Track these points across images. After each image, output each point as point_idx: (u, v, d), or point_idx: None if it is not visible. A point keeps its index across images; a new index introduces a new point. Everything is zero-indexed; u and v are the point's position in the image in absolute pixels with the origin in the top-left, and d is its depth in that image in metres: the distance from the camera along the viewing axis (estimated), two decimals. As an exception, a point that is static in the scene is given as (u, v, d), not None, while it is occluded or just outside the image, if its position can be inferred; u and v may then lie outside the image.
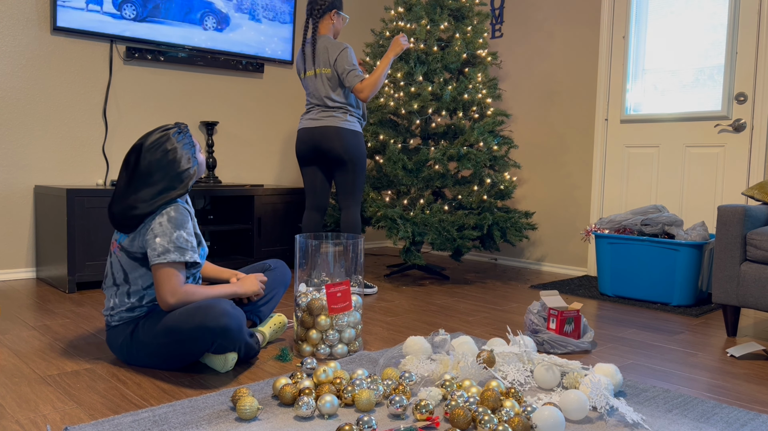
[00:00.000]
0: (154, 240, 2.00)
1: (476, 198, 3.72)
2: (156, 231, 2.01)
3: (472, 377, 1.98)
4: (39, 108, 3.65)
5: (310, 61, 3.28)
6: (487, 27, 4.70)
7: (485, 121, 3.83)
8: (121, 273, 2.10)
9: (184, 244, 2.02)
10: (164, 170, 2.07)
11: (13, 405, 1.80)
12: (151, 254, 2.00)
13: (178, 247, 2.01)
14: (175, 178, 2.08)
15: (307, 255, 2.33)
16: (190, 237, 2.06)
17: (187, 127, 2.19)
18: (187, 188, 2.10)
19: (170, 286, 2.00)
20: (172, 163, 2.08)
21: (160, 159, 2.07)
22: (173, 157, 2.09)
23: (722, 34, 3.65)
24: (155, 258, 1.99)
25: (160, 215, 2.03)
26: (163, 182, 2.06)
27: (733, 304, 2.72)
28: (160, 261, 1.99)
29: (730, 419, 1.79)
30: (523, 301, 3.39)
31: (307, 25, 3.29)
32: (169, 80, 4.12)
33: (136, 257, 2.07)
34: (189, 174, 2.11)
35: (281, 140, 4.73)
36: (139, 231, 2.06)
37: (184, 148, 2.11)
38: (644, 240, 3.37)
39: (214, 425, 1.66)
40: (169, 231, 2.01)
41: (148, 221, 2.04)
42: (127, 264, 2.09)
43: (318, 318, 2.25)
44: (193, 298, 2.04)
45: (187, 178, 2.10)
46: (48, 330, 2.58)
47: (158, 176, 2.06)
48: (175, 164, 2.09)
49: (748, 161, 3.55)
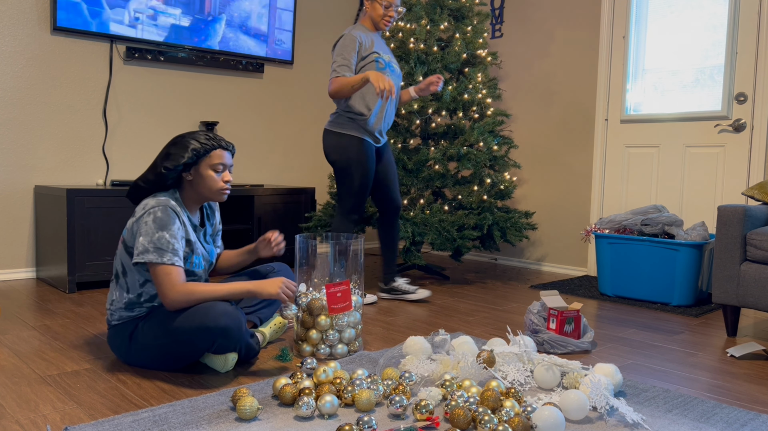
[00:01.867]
0: (138, 239, 2.01)
1: (476, 198, 3.72)
2: (141, 230, 2.01)
3: (472, 377, 1.98)
4: (39, 108, 3.65)
5: None
6: (487, 27, 4.70)
7: (485, 121, 3.83)
8: (121, 266, 2.11)
9: (164, 246, 2.00)
10: (159, 156, 2.13)
11: (13, 405, 1.80)
12: (135, 252, 2.01)
13: (157, 248, 1.99)
14: (161, 158, 2.10)
15: (308, 255, 2.33)
16: (173, 240, 2.02)
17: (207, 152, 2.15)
18: (162, 179, 2.09)
19: (166, 284, 1.99)
20: (169, 146, 2.12)
21: (171, 143, 2.13)
22: (173, 143, 2.12)
23: (722, 34, 3.65)
24: (136, 256, 2.00)
25: (148, 214, 2.02)
26: (152, 163, 2.13)
27: (733, 304, 2.72)
28: (138, 260, 2.00)
29: (730, 419, 1.79)
30: (523, 301, 3.39)
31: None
32: (169, 80, 4.12)
33: (130, 252, 2.08)
34: (169, 166, 2.08)
35: (281, 140, 4.73)
36: (132, 226, 2.07)
37: (187, 150, 2.09)
38: (644, 240, 3.37)
39: (214, 425, 1.66)
40: (152, 231, 2.00)
41: (139, 216, 2.05)
42: (123, 257, 2.10)
43: (318, 318, 2.25)
44: (195, 296, 2.00)
45: (163, 169, 2.08)
46: (48, 330, 2.58)
47: (154, 160, 2.14)
48: (168, 148, 2.11)
49: (748, 161, 3.55)
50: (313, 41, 4.85)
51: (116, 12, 3.75)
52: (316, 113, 4.92)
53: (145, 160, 4.04)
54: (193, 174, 2.13)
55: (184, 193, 2.16)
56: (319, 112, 4.94)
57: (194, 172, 2.13)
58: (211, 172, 2.12)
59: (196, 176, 2.13)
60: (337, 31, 5.00)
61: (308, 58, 4.83)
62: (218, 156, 2.13)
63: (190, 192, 2.16)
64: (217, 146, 2.13)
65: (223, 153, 2.14)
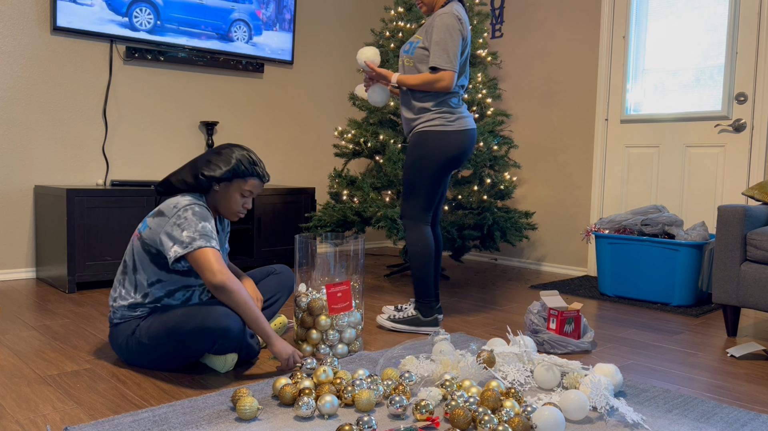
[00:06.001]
0: (181, 233, 2.00)
1: (476, 198, 3.72)
2: (183, 225, 2.01)
3: (472, 377, 1.98)
4: (39, 108, 3.65)
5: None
6: (487, 27, 4.70)
7: (485, 121, 3.83)
8: (132, 262, 2.11)
9: (209, 233, 2.03)
10: (202, 159, 2.15)
11: (13, 405, 1.80)
12: (178, 247, 1.99)
13: (203, 235, 2.01)
14: (201, 163, 2.12)
15: (308, 255, 2.33)
16: (213, 231, 2.06)
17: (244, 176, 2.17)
18: (198, 183, 2.11)
19: (218, 264, 1.98)
20: (212, 154, 2.14)
21: (216, 151, 2.15)
22: (218, 152, 2.14)
23: (722, 34, 3.65)
24: (182, 249, 1.98)
25: (185, 209, 2.03)
26: (192, 163, 2.15)
27: (733, 304, 2.72)
28: (187, 251, 1.98)
29: (730, 419, 1.79)
30: (523, 301, 3.39)
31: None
32: (169, 80, 4.12)
33: (149, 250, 2.07)
34: (206, 174, 2.11)
35: (281, 140, 4.73)
36: (158, 224, 2.05)
37: (228, 166, 2.12)
38: (644, 241, 3.37)
39: (214, 425, 1.66)
40: (194, 222, 2.02)
41: (173, 215, 2.04)
42: (139, 254, 2.09)
43: (318, 318, 2.25)
44: (235, 291, 1.98)
45: (201, 175, 2.11)
46: (48, 330, 2.58)
47: (195, 160, 2.16)
48: (211, 156, 2.13)
49: (748, 161, 3.55)
50: (313, 41, 4.85)
51: (116, 12, 3.75)
52: (316, 113, 4.92)
53: (145, 160, 4.04)
54: (221, 188, 2.15)
55: (208, 199, 2.18)
56: (319, 112, 4.94)
57: (223, 186, 2.15)
58: (237, 195, 2.16)
59: (223, 191, 2.15)
60: (337, 31, 4.99)
61: (308, 58, 4.83)
62: (252, 185, 2.17)
63: (212, 200, 2.18)
64: (255, 176, 2.16)
65: (257, 183, 2.18)
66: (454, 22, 2.53)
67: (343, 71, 5.05)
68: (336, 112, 5.04)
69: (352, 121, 3.90)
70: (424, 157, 2.59)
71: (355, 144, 3.82)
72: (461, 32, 2.56)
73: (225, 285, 1.97)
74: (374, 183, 3.91)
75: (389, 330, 2.70)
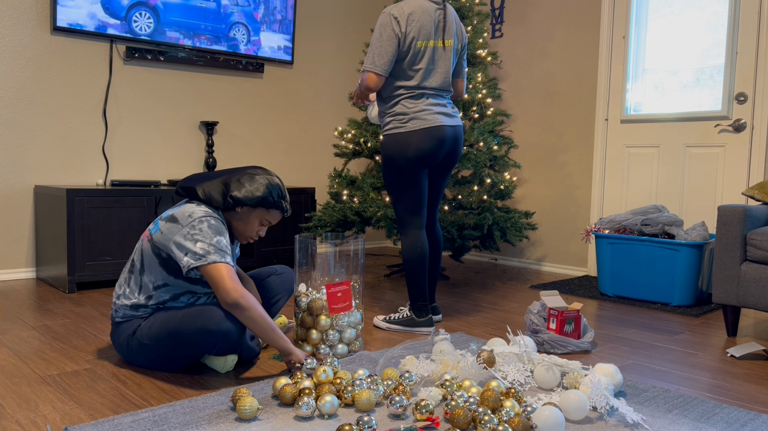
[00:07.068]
0: (194, 245, 1.98)
1: (476, 198, 3.72)
2: (197, 237, 1.99)
3: (472, 377, 1.98)
4: (39, 108, 3.65)
5: (440, 28, 2.56)
6: (487, 27, 4.70)
7: (485, 121, 3.83)
8: (141, 263, 2.11)
9: (224, 248, 2.01)
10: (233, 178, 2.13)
11: (13, 405, 1.80)
12: (191, 258, 1.97)
13: (218, 250, 1.99)
14: (233, 183, 2.11)
15: (308, 255, 2.33)
16: (228, 246, 2.04)
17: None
18: (219, 204, 2.10)
19: (231, 281, 1.96)
20: (244, 175, 2.13)
21: (250, 174, 2.14)
22: (252, 176, 2.13)
23: (722, 34, 3.65)
24: (195, 261, 1.97)
25: (200, 221, 2.01)
26: (223, 179, 2.13)
27: (733, 304, 2.72)
28: (201, 264, 1.97)
29: (730, 419, 1.79)
30: (523, 301, 3.39)
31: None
32: (169, 80, 4.12)
33: (159, 254, 2.06)
34: (234, 196, 2.10)
35: (281, 140, 4.73)
36: (170, 230, 2.04)
37: (257, 192, 2.11)
38: (644, 241, 3.37)
39: (214, 425, 1.66)
40: (210, 235, 2.00)
41: (188, 224, 2.02)
42: (148, 256, 2.08)
43: (318, 318, 2.25)
44: (249, 308, 1.96)
45: (230, 197, 2.10)
46: (48, 330, 2.58)
47: (227, 178, 2.14)
48: (242, 177, 2.12)
49: (748, 161, 3.55)
50: (313, 41, 4.85)
51: (116, 12, 3.75)
52: (316, 113, 4.92)
53: (145, 160, 4.04)
54: (243, 212, 2.14)
55: (226, 215, 2.16)
56: (319, 112, 4.94)
57: (246, 210, 2.14)
58: (257, 222, 2.16)
59: (244, 215, 2.14)
60: (337, 31, 4.99)
61: (308, 58, 4.83)
62: (273, 216, 2.18)
63: (229, 217, 2.16)
64: (280, 209, 2.17)
65: (278, 215, 2.19)
66: (386, 20, 2.50)
67: (343, 71, 5.05)
68: (336, 112, 5.04)
69: (352, 121, 3.90)
70: (389, 162, 2.59)
71: (355, 144, 3.82)
72: (395, 30, 2.48)
73: (239, 304, 1.96)
74: (374, 183, 3.91)
75: (386, 330, 2.71)
